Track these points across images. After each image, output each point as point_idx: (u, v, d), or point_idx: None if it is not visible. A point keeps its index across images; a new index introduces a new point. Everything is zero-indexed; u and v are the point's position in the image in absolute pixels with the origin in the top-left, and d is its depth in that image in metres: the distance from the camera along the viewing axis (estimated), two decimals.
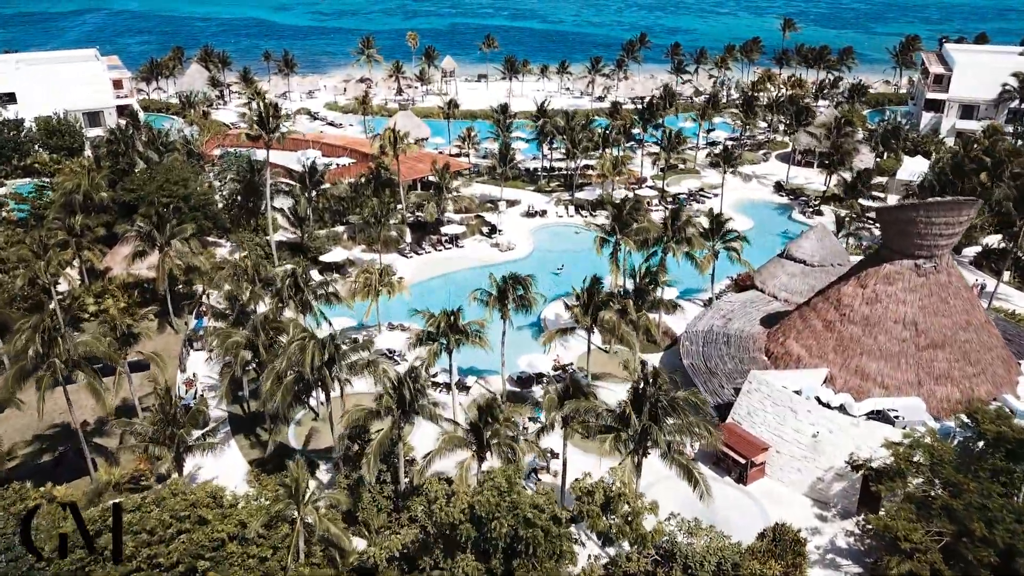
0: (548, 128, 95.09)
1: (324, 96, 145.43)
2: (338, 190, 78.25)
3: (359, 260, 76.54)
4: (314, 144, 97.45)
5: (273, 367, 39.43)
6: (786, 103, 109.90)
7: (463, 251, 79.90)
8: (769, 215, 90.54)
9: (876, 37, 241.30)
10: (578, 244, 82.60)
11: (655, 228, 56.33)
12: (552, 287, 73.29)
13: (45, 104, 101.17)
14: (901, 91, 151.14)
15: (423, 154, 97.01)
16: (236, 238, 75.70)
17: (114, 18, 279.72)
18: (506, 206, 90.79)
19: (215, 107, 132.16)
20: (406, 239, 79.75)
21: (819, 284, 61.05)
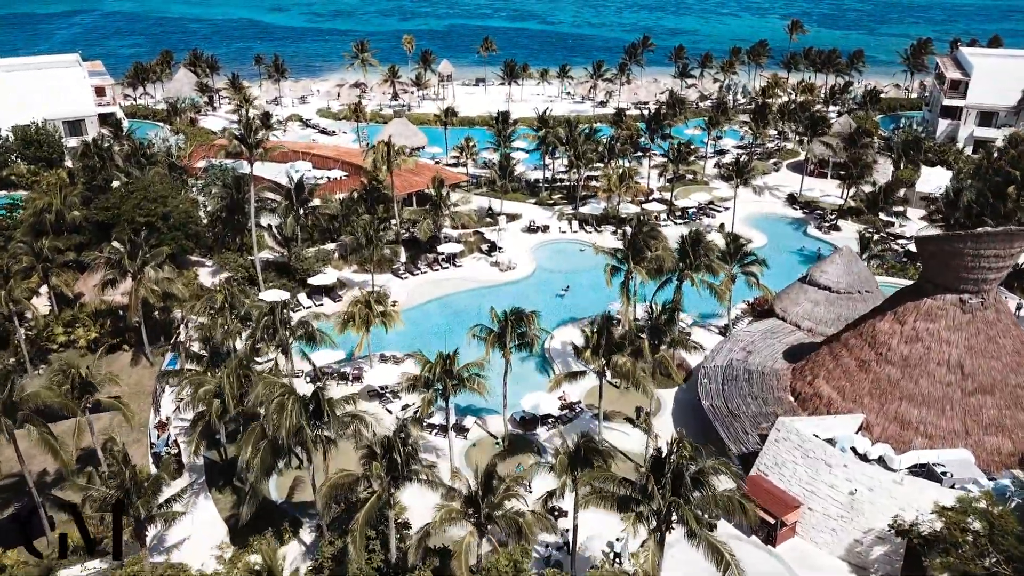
0: (550, 139, 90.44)
1: (317, 102, 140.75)
2: (328, 207, 73.56)
3: (350, 281, 71.97)
4: (304, 156, 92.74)
5: (252, 429, 34.77)
6: (798, 110, 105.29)
7: (461, 271, 75.30)
8: (783, 230, 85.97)
9: (881, 38, 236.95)
10: (583, 262, 78.12)
11: (670, 256, 51.78)
12: (556, 310, 68.85)
13: (23, 112, 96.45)
14: (912, 95, 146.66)
15: (419, 165, 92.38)
16: (219, 259, 71.03)
17: (105, 20, 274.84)
18: (506, 221, 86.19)
19: (203, 113, 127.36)
20: (400, 258, 75.19)
21: (846, 313, 56.62)
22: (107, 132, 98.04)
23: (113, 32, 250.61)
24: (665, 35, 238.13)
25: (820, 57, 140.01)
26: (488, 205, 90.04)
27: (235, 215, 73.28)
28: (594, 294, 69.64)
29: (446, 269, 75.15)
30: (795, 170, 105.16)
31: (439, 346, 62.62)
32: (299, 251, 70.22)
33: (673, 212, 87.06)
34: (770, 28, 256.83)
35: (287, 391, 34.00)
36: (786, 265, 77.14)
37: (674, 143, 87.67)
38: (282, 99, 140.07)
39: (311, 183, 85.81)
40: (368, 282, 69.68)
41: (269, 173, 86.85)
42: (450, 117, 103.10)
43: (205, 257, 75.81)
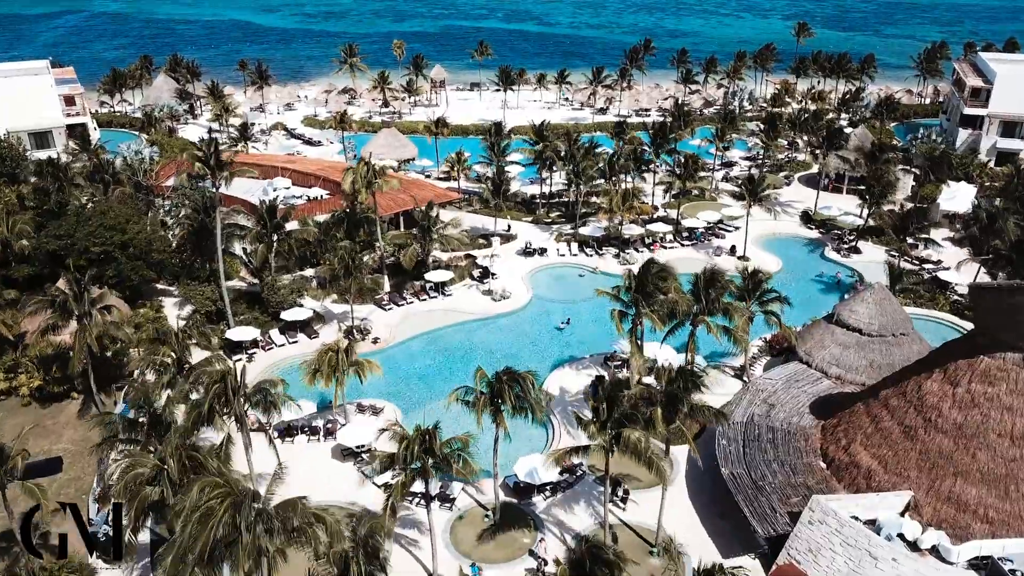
0: (547, 154, 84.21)
1: (303, 109, 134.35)
2: (305, 232, 67.25)
3: (329, 314, 65.71)
4: (283, 172, 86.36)
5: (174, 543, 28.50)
6: (810, 120, 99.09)
7: (450, 300, 69.04)
8: (798, 252, 79.81)
9: (887, 40, 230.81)
10: (583, 290, 71.98)
11: (685, 300, 45.62)
12: (555, 346, 62.74)
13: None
14: (925, 101, 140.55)
15: (407, 182, 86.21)
16: (183, 291, 64.75)
17: (91, 21, 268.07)
18: (500, 243, 79.97)
19: (183, 122, 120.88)
20: (383, 288, 68.95)
21: (879, 359, 50.52)
22: (74, 145, 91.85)
23: (99, 34, 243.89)
24: (665, 37, 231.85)
25: (830, 62, 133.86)
26: (481, 224, 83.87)
27: (204, 240, 66.95)
28: (597, 328, 63.61)
29: (434, 299, 68.91)
30: (807, 184, 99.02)
31: (424, 391, 56.83)
32: (272, 281, 63.93)
33: (680, 232, 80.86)
34: (773, 30, 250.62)
35: (224, 494, 27.75)
36: (803, 293, 71.06)
37: (681, 158, 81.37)
38: (267, 106, 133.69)
39: (289, 203, 79.76)
40: (349, 313, 63.50)
41: (244, 191, 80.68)
42: (441, 128, 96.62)
43: (172, 285, 69.58)
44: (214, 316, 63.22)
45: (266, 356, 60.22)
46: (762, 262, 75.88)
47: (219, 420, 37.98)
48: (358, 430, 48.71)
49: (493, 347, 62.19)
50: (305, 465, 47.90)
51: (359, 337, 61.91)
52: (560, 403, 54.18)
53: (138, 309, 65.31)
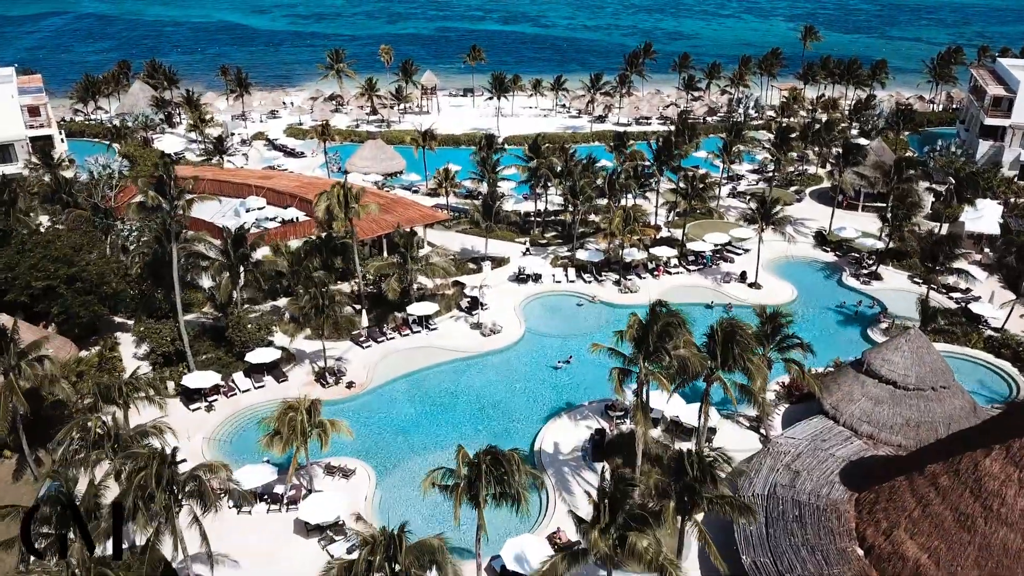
0: (542, 170, 78.15)
1: (288, 117, 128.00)
2: (276, 263, 61.00)
3: (301, 353, 59.55)
4: (258, 191, 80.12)
5: None
6: (822, 131, 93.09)
7: (436, 335, 62.97)
8: (813, 279, 73.79)
9: (894, 43, 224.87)
10: (582, 322, 66.27)
11: (697, 360, 39.59)
12: (551, 390, 56.73)
13: None
14: (937, 108, 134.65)
15: (392, 200, 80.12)
16: (138, 330, 58.60)
17: (76, 23, 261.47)
18: (491, 267, 73.93)
19: (159, 132, 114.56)
20: (362, 323, 62.85)
21: (916, 416, 44.55)
22: (35, 160, 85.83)
23: (83, 37, 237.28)
24: (665, 39, 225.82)
25: (839, 67, 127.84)
26: (471, 246, 77.84)
27: (164, 271, 60.74)
28: (596, 368, 57.32)
29: (417, 333, 62.83)
30: (820, 200, 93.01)
31: (402, 448, 50.53)
32: (237, 318, 57.77)
33: (685, 256, 74.83)
34: (776, 32, 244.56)
35: None
36: (821, 326, 65.25)
37: (686, 175, 75.34)
38: (250, 114, 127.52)
39: (262, 225, 73.73)
40: (327, 350, 57.40)
41: (213, 213, 74.68)
42: (428, 141, 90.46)
43: (132, 318, 63.46)
44: (173, 357, 57.13)
45: (228, 403, 54.12)
46: (775, 290, 70.28)
47: (143, 517, 31.83)
48: (323, 503, 42.58)
49: (481, 391, 56.22)
50: (263, 539, 42.02)
51: (332, 381, 55.90)
52: (555, 462, 48.12)
53: (91, 347, 59.47)
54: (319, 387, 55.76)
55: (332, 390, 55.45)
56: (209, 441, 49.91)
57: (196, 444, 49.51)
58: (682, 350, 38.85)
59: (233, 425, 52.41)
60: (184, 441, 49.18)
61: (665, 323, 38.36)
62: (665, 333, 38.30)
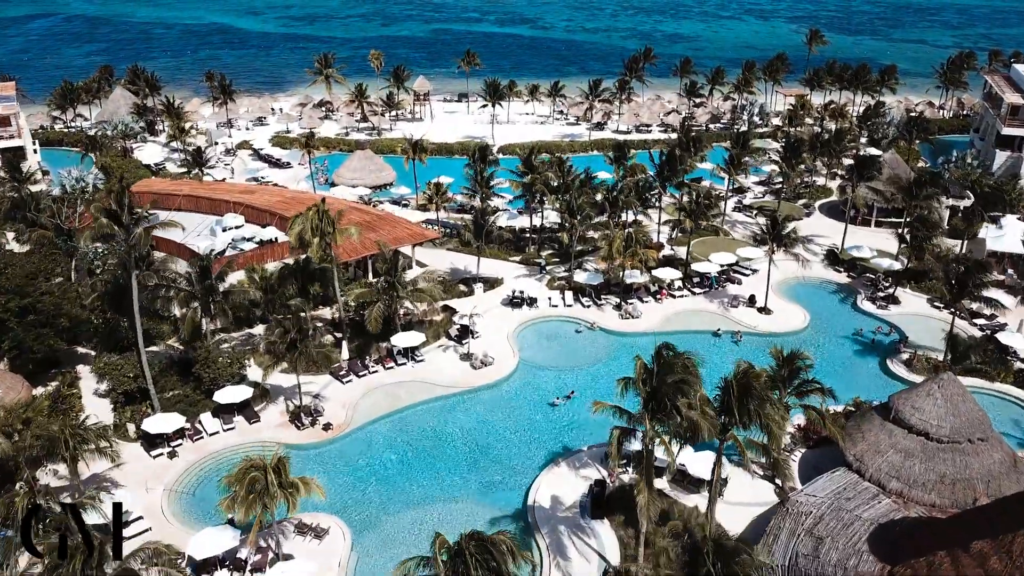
0: (537, 187, 73.64)
1: (276, 124, 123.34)
2: (248, 292, 56.29)
3: (275, 389, 54.92)
4: (236, 208, 75.43)
5: None
6: (832, 141, 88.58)
7: (423, 367, 58.40)
8: (826, 303, 69.27)
9: (898, 45, 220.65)
10: (581, 351, 61.91)
11: (709, 423, 34.89)
12: (547, 432, 52.19)
13: None
14: (947, 114, 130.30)
15: (379, 217, 75.62)
16: (98, 366, 54.01)
17: (64, 25, 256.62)
18: (483, 289, 69.43)
19: (139, 141, 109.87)
20: (342, 355, 58.29)
21: (952, 473, 40.11)
22: (2, 174, 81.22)
23: (72, 39, 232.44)
24: (665, 41, 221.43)
25: (846, 73, 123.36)
26: (463, 267, 73.34)
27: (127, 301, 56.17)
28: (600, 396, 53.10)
29: (403, 366, 58.26)
30: (830, 214, 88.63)
31: (382, 502, 45.75)
32: (205, 352, 53.16)
33: (690, 277, 70.34)
34: (778, 34, 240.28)
35: None
36: (836, 355, 60.89)
37: (691, 193, 70.88)
38: (237, 121, 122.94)
39: (238, 247, 69.14)
40: (304, 385, 52.87)
41: (185, 234, 69.88)
42: (419, 153, 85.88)
43: (95, 349, 58.95)
44: (136, 395, 52.55)
45: (194, 448, 49.53)
46: (786, 315, 65.85)
47: None
48: (292, 570, 38.01)
49: (471, 433, 51.68)
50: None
51: (307, 422, 51.34)
52: (550, 519, 43.58)
53: (49, 382, 54.98)
54: (294, 429, 51.29)
55: (307, 432, 50.95)
56: (170, 494, 45.39)
57: (156, 497, 45.02)
58: (693, 412, 34.19)
59: (198, 474, 47.86)
60: (142, 493, 44.84)
61: (676, 381, 33.67)
62: (676, 390, 33.69)
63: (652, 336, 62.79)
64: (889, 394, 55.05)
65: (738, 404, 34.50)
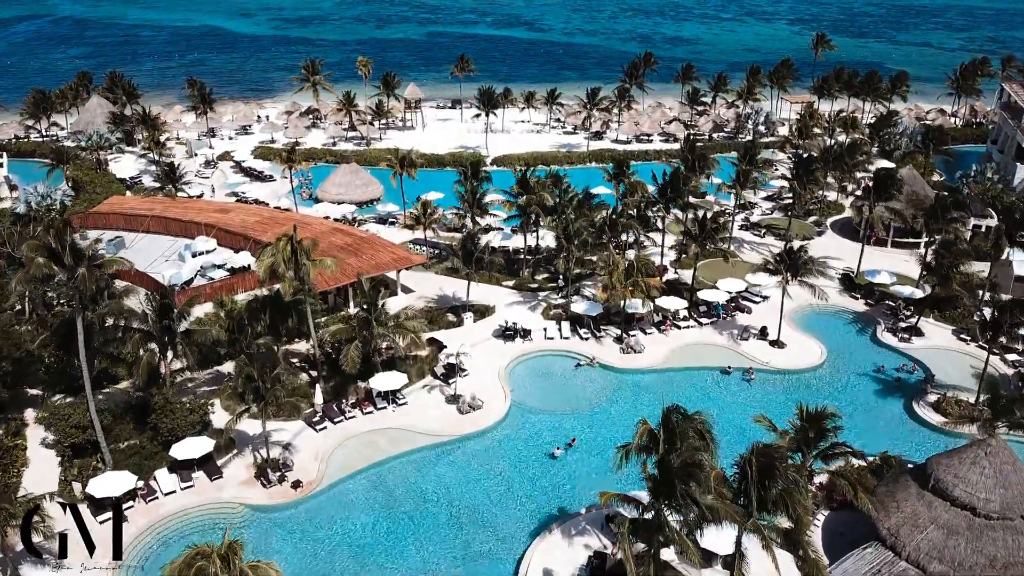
0: (532, 208, 68.58)
1: (260, 134, 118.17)
2: (213, 331, 51.00)
3: (242, 437, 49.78)
4: (208, 230, 70.21)
5: None
6: (844, 155, 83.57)
7: (405, 411, 53.24)
8: (843, 334, 64.13)
9: (903, 49, 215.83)
10: (579, 391, 56.91)
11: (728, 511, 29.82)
12: (541, 489, 47.05)
13: None
14: (958, 122, 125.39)
15: (360, 239, 70.49)
16: (44, 415, 48.85)
17: (52, 27, 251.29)
18: (473, 319, 64.37)
19: (115, 152, 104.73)
20: (316, 398, 53.14)
21: (1005, 555, 35.23)
22: None
23: (58, 42, 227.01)
24: (665, 44, 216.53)
25: (854, 79, 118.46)
26: (451, 293, 68.28)
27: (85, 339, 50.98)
28: (598, 457, 48.50)
29: (383, 409, 53.13)
30: (843, 232, 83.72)
31: None
32: (163, 399, 48.01)
33: (696, 305, 65.26)
34: (779, 36, 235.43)
35: None
36: (856, 397, 56.07)
37: (697, 214, 65.82)
38: (220, 130, 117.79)
39: (208, 275, 63.96)
40: (275, 433, 47.76)
41: (151, 259, 65.01)
42: (407, 168, 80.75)
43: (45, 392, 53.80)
44: (87, 447, 47.40)
45: (147, 511, 44.27)
46: (800, 349, 60.80)
47: None
48: None
49: (457, 491, 46.52)
50: None
51: (275, 478, 46.20)
52: None
53: None
54: (259, 486, 46.13)
55: (275, 491, 45.81)
56: (114, 572, 40.14)
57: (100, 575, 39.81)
58: (710, 496, 29.11)
59: (150, 542, 42.58)
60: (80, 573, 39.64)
61: (688, 464, 28.59)
62: (688, 474, 28.61)
63: (656, 374, 58.03)
64: (916, 442, 50.65)
65: (758, 489, 29.40)
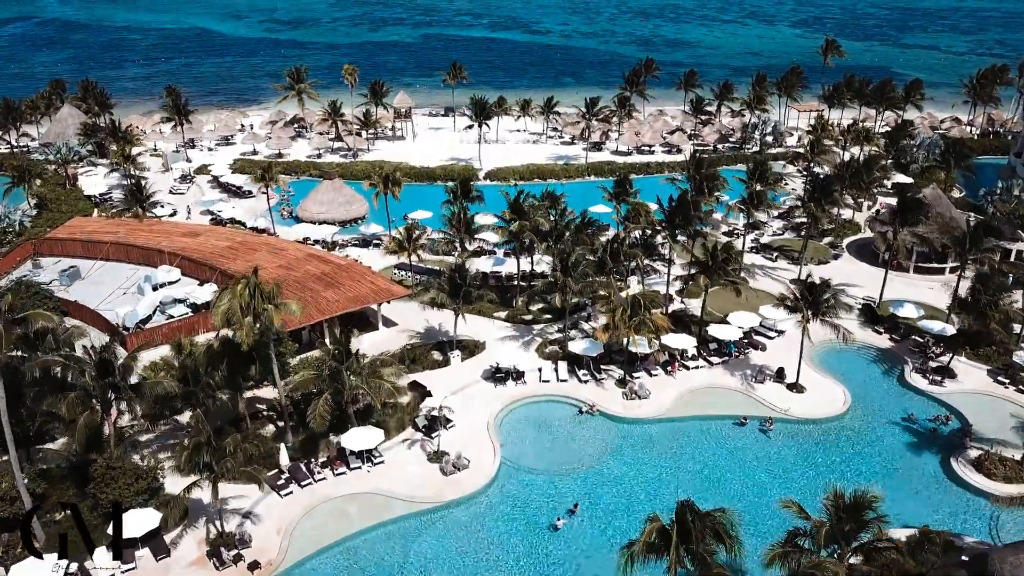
0: (527, 234, 62.80)
1: (242, 145, 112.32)
2: (165, 384, 45.05)
3: (196, 507, 43.90)
4: (171, 259, 64.20)
5: None
6: (861, 171, 77.92)
7: (381, 471, 47.40)
8: (867, 375, 58.30)
9: (909, 52, 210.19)
10: (578, 445, 51.15)
11: None
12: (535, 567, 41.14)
13: None
14: (975, 131, 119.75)
15: (338, 267, 64.63)
16: None
17: (38, 30, 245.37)
18: (460, 358, 58.60)
19: (86, 166, 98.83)
20: (282, 459, 47.29)
21: None
22: None
23: (44, 44, 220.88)
24: (664, 47, 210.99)
25: (866, 87, 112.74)
26: (438, 325, 62.49)
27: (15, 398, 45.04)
28: (601, 523, 42.82)
29: (357, 469, 47.32)
30: (860, 254, 78.04)
31: None
32: (105, 467, 42.11)
33: (706, 343, 59.48)
34: (782, 39, 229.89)
35: None
36: (886, 451, 50.27)
37: (707, 243, 60.04)
38: (200, 141, 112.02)
39: (167, 311, 58.05)
40: (233, 499, 42.01)
41: (106, 293, 59.12)
42: (391, 187, 74.89)
43: None
44: (15, 521, 41.50)
45: None
46: (821, 394, 55.11)
47: None
48: None
49: (439, 573, 40.64)
50: None
51: (229, 557, 40.37)
52: None
53: None
54: (212, 568, 40.30)
55: (229, 573, 39.97)
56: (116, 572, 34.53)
57: None
58: None
59: None
60: None
61: None
62: None
63: (664, 424, 52.26)
64: (959, 509, 44.91)
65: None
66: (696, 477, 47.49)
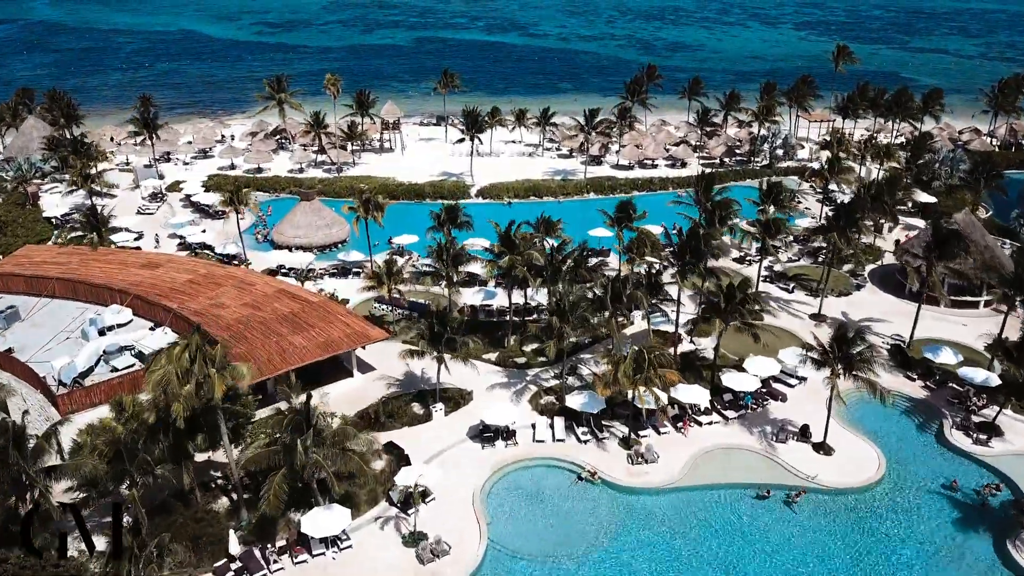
0: (519, 270, 56.27)
1: (219, 159, 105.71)
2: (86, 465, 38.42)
3: None
4: (123, 298, 57.41)
5: None
6: (884, 193, 71.60)
7: (349, 558, 40.88)
8: (901, 431, 51.78)
9: (918, 56, 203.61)
10: (577, 522, 44.65)
11: None
12: None
13: None
14: (994, 142, 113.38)
15: (308, 305, 58.05)
16: None
17: (22, 33, 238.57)
18: (444, 411, 52.08)
19: (50, 181, 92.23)
20: (231, 547, 40.70)
21: None
22: None
23: (26, 47, 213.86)
24: (665, 51, 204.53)
25: (881, 97, 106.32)
26: (420, 371, 56.00)
27: None
28: None
29: (320, 556, 40.79)
30: (882, 284, 71.63)
31: None
32: (15, 567, 35.54)
33: (721, 395, 52.98)
34: (785, 42, 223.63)
35: None
36: (924, 527, 43.54)
37: (721, 284, 53.51)
38: (176, 154, 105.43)
39: (111, 363, 51.45)
40: None
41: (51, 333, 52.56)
42: (373, 212, 68.35)
43: None
44: None
45: None
46: (852, 457, 48.68)
47: None
48: None
49: None
50: None
51: None
52: None
53: None
54: None
55: None
56: None
57: None
58: None
59: None
60: None
61: None
62: None
63: (674, 494, 45.73)
64: None
65: None
66: (712, 564, 41.00)
